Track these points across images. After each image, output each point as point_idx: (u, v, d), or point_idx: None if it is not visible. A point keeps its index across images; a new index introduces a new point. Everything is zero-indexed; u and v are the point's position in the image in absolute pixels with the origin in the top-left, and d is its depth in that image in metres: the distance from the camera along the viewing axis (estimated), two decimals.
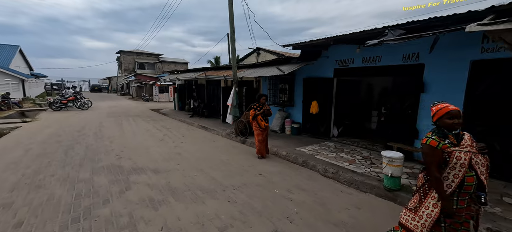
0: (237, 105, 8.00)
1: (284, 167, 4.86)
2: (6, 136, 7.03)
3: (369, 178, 4.16)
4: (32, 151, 5.51)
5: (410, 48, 4.93)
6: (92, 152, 5.50)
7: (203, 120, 10.98)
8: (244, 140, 7.22)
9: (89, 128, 8.48)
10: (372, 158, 5.28)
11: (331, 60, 6.69)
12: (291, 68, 6.54)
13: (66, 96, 14.78)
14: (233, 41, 7.89)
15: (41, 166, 4.47)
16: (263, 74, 7.19)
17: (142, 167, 4.59)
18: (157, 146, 6.29)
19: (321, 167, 4.79)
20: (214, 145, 6.67)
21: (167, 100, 24.09)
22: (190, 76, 11.74)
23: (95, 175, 4.09)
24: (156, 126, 9.43)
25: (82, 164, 4.64)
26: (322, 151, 5.82)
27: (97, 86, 42.50)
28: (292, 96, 8.15)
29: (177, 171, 4.43)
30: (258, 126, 5.30)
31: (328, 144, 6.53)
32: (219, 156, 5.50)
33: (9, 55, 23.74)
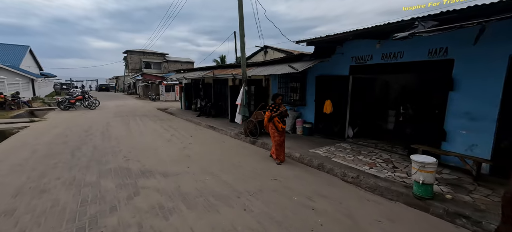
0: (246, 105, 7.72)
1: (299, 170, 4.56)
2: (14, 136, 6.96)
3: (394, 184, 3.82)
4: (38, 152, 5.37)
5: (438, 42, 4.53)
6: (99, 153, 5.33)
7: (211, 120, 10.76)
8: (254, 141, 6.95)
9: (96, 128, 8.36)
10: (393, 161, 4.92)
11: (346, 56, 6.33)
12: (304, 65, 6.21)
13: (74, 96, 14.82)
14: (242, 38, 7.61)
15: (47, 168, 4.30)
16: (274, 72, 6.89)
17: (151, 169, 4.36)
18: (165, 147, 6.08)
19: (339, 170, 4.47)
20: (223, 146, 6.42)
21: (174, 99, 24.03)
22: (198, 75, 11.53)
23: (102, 179, 3.88)
24: (163, 126, 9.25)
25: (88, 166, 4.45)
26: (338, 153, 5.48)
27: (104, 86, 42.98)
28: (304, 95, 7.82)
29: (187, 174, 4.19)
30: (275, 129, 4.87)
31: (344, 145, 6.19)
32: (230, 158, 5.24)
33: (20, 55, 24.14)
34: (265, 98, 9.32)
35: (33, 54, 28.48)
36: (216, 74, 9.85)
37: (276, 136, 4.87)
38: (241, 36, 7.62)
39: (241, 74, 7.81)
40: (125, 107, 16.04)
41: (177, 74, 14.96)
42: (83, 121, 9.99)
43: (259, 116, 7.24)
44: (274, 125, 4.88)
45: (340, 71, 6.52)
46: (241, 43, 7.68)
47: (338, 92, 6.56)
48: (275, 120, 4.87)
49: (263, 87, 9.48)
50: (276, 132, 4.87)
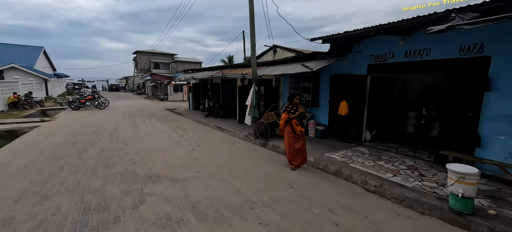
0: (256, 105, 7.43)
1: (315, 177, 4.22)
2: (24, 136, 6.95)
3: (424, 195, 3.43)
4: (46, 153, 5.27)
5: (471, 38, 4.09)
6: (106, 156, 5.17)
7: (219, 121, 10.54)
8: (264, 143, 6.65)
9: (105, 129, 8.28)
10: (419, 169, 4.49)
11: (364, 55, 5.93)
12: (319, 64, 5.86)
13: (85, 96, 14.97)
14: (253, 35, 7.32)
15: (52, 171, 4.15)
16: (286, 71, 6.56)
17: (158, 174, 4.14)
18: (173, 149, 5.87)
19: (359, 178, 4.10)
20: (233, 148, 6.15)
21: (182, 99, 24.06)
22: (206, 75, 11.34)
23: (107, 184, 3.68)
24: (171, 127, 9.09)
25: (94, 170, 4.28)
26: (356, 158, 5.10)
27: (115, 86, 43.81)
28: (317, 95, 7.45)
29: (196, 180, 3.93)
30: (293, 132, 4.44)
31: (361, 149, 5.79)
32: (241, 162, 4.96)
33: (34, 56, 24.82)
34: (276, 99, 9.00)
35: (47, 54, 29.26)
36: (225, 74, 9.61)
37: (291, 140, 4.46)
38: (252, 34, 7.34)
39: (251, 74, 7.53)
40: (134, 107, 16.09)
41: (185, 74, 14.86)
42: (92, 121, 9.98)
43: (270, 118, 6.94)
44: (291, 129, 4.45)
45: (357, 70, 6.12)
46: (252, 41, 7.39)
47: (355, 92, 6.16)
48: (293, 122, 4.43)
49: (273, 87, 9.16)
50: (293, 136, 4.47)
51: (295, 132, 4.45)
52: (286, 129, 4.53)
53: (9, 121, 9.25)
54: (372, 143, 6.24)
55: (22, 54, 24.16)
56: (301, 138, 4.51)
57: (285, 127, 4.54)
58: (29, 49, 25.73)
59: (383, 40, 5.37)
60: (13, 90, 13.56)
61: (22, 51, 24.74)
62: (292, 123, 4.45)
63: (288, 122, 4.46)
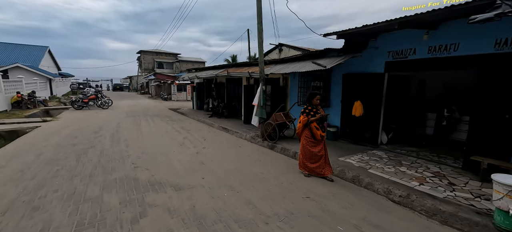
0: (264, 106, 7.05)
1: (332, 185, 3.83)
2: (23, 137, 6.71)
3: (460, 209, 3.01)
4: (43, 155, 4.99)
5: (509, 30, 3.65)
6: (106, 159, 4.86)
7: (223, 121, 10.20)
8: (272, 146, 6.28)
9: (107, 129, 8.01)
10: (446, 176, 4.07)
11: (381, 51, 5.51)
12: (332, 62, 5.46)
13: (88, 95, 14.79)
14: (260, 32, 6.94)
15: (47, 177, 3.85)
16: (297, 69, 6.17)
17: (161, 181, 3.80)
18: (177, 151, 5.54)
19: (382, 186, 3.70)
20: (240, 151, 5.79)
21: (185, 99, 23.83)
22: (210, 74, 11.01)
23: (105, 192, 3.36)
24: (175, 127, 8.78)
25: (92, 175, 3.96)
26: (374, 163, 4.69)
27: (118, 85, 43.88)
28: (328, 95, 7.04)
29: (203, 188, 3.58)
30: (312, 137, 3.97)
31: (378, 153, 5.37)
32: (249, 167, 4.59)
33: (39, 56, 24.85)
34: (283, 99, 8.62)
35: (52, 54, 29.33)
36: (230, 73, 9.26)
37: (310, 146, 4.00)
38: (259, 31, 6.96)
39: (258, 73, 7.16)
40: (137, 107, 15.87)
41: (189, 74, 14.56)
42: (94, 121, 9.73)
43: (279, 118, 6.56)
44: (310, 133, 3.98)
45: (373, 68, 5.70)
46: (259, 38, 7.01)
47: (371, 92, 5.74)
48: (312, 126, 3.93)
49: (280, 87, 8.79)
50: (312, 141, 4.00)
51: (315, 137, 3.96)
52: (304, 133, 4.07)
53: (11, 121, 9.06)
54: (389, 147, 5.81)
55: (27, 53, 24.21)
56: (320, 144, 4.04)
57: (303, 131, 4.08)
58: (34, 49, 25.79)
59: (404, 34, 4.96)
60: (17, 90, 13.46)
61: (27, 51, 24.80)
62: (311, 127, 3.96)
63: (307, 125, 3.98)
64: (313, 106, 4.04)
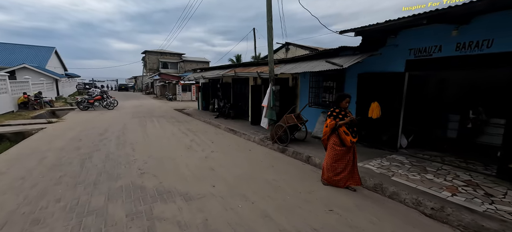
0: (273, 107, 6.75)
1: (356, 195, 3.51)
2: (27, 140, 6.56)
3: (508, 227, 2.66)
4: (46, 160, 4.79)
5: None
6: (111, 164, 4.63)
7: (230, 122, 9.94)
8: (283, 149, 5.99)
9: (112, 131, 7.83)
10: (480, 185, 3.71)
11: (402, 49, 5.15)
12: (349, 61, 5.12)
13: (93, 96, 14.73)
14: (270, 30, 6.64)
15: (49, 184, 3.63)
16: (309, 69, 5.85)
17: (169, 189, 3.55)
18: (185, 155, 5.29)
19: (409, 197, 3.37)
20: (250, 156, 5.51)
21: (190, 99, 23.70)
22: (217, 74, 10.76)
23: (110, 202, 3.11)
24: (181, 129, 8.55)
25: (97, 183, 3.73)
26: (396, 170, 4.35)
27: (124, 85, 44.15)
28: None
29: (214, 197, 3.31)
30: (340, 144, 3.54)
31: (398, 158, 5.02)
32: (262, 173, 4.30)
33: (46, 56, 25.04)
34: (293, 99, 8.31)
35: (59, 55, 29.57)
36: (238, 73, 8.99)
37: (337, 153, 3.55)
38: (269, 28, 6.66)
39: (268, 72, 6.86)
40: (142, 108, 15.75)
41: (195, 74, 14.35)
42: (100, 123, 9.58)
43: (290, 120, 6.26)
44: (338, 139, 3.55)
45: (392, 67, 5.35)
46: (269, 37, 6.71)
47: (389, 92, 5.39)
48: (341, 131, 3.51)
49: (290, 87, 8.47)
50: (340, 147, 3.55)
51: (344, 144, 3.52)
52: (331, 139, 3.65)
53: (16, 122, 8.98)
54: (409, 151, 5.45)
55: (34, 54, 24.42)
56: (350, 151, 3.62)
57: (330, 136, 3.66)
58: (41, 50, 26.01)
59: (428, 31, 4.60)
60: (23, 90, 13.46)
61: (34, 52, 25.02)
62: (339, 132, 3.53)
63: (335, 130, 3.56)
64: (342, 109, 3.64)
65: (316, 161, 5.00)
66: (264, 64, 8.97)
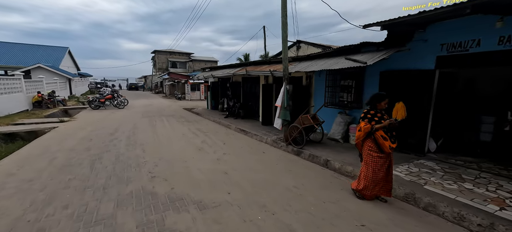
0: (287, 107, 6.41)
1: (388, 207, 3.15)
2: (37, 140, 6.52)
3: None
4: (56, 161, 4.67)
5: None
6: (121, 166, 4.45)
7: (240, 122, 9.68)
8: (298, 151, 5.66)
9: (122, 131, 7.72)
10: None
11: (432, 44, 4.71)
12: (374, 57, 4.72)
13: (104, 95, 14.84)
14: (285, 26, 6.31)
15: (58, 188, 3.47)
16: (328, 67, 5.47)
17: (182, 195, 3.30)
18: (197, 158, 5.05)
19: (449, 210, 2.98)
20: (264, 158, 5.21)
21: (199, 98, 23.66)
22: (227, 73, 10.52)
23: (119, 210, 2.90)
24: (191, 129, 8.36)
25: (106, 187, 3.54)
26: (427, 177, 3.94)
27: (134, 85, 44.84)
28: (360, 95, 6.29)
29: (230, 206, 3.03)
30: (378, 150, 3.08)
31: (427, 163, 4.59)
32: (280, 178, 3.99)
33: (59, 56, 25.66)
34: (307, 99, 7.94)
35: (72, 55, 30.29)
36: (249, 71, 8.70)
37: (375, 160, 3.10)
38: (283, 24, 6.32)
39: (282, 70, 6.53)
40: (152, 107, 15.75)
41: (204, 73, 14.18)
42: (110, 122, 9.54)
43: (306, 121, 5.91)
44: (375, 144, 3.09)
45: (420, 64, 4.91)
46: (283, 33, 6.37)
47: (416, 92, 4.95)
48: (378, 135, 3.05)
49: (303, 86, 8.11)
50: (378, 154, 3.10)
51: (382, 150, 3.06)
52: (366, 145, 3.20)
53: (30, 121, 9.06)
54: (439, 156, 4.99)
55: (48, 54, 25.06)
56: (389, 157, 3.16)
57: (364, 141, 3.21)
58: (55, 50, 26.68)
59: (463, 23, 4.14)
60: (38, 89, 13.73)
61: (49, 52, 25.68)
62: (376, 136, 3.06)
63: (371, 134, 3.10)
64: (378, 110, 3.18)
65: (336, 165, 4.65)
66: (277, 62, 8.64)
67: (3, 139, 6.93)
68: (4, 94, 10.39)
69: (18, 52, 23.70)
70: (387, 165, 3.16)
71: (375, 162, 3.09)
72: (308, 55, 7.22)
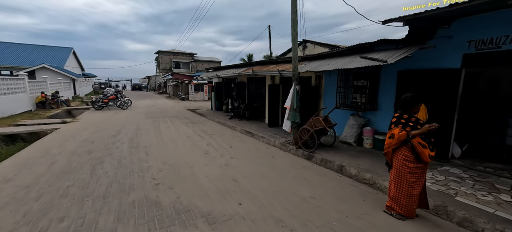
0: (297, 108, 6.09)
1: (419, 222, 2.81)
2: (39, 142, 6.31)
3: None
4: (56, 165, 4.43)
5: None
6: (123, 171, 4.18)
7: (245, 123, 9.38)
8: (309, 156, 5.34)
9: (125, 133, 7.48)
10: None
11: (457, 41, 4.34)
12: (394, 55, 4.36)
13: (108, 95, 14.69)
14: (295, 23, 5.99)
15: (55, 196, 3.21)
16: (342, 66, 5.14)
17: (189, 206, 3.01)
18: (203, 163, 4.76)
19: (490, 227, 2.63)
20: (275, 163, 4.90)
21: (202, 99, 23.45)
22: (232, 73, 10.23)
23: (120, 224, 2.61)
24: (196, 131, 8.09)
25: (107, 196, 3.26)
26: (458, 187, 3.58)
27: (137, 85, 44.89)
28: (375, 96, 5.94)
29: (242, 220, 2.73)
30: (414, 160, 2.65)
31: (453, 171, 4.23)
32: (294, 187, 3.67)
33: (64, 57, 25.71)
34: (316, 100, 7.61)
35: (76, 55, 30.37)
36: (256, 71, 8.39)
37: (416, 173, 2.66)
38: (293, 21, 6.01)
39: (291, 70, 6.21)
40: (155, 108, 15.56)
41: (208, 73, 13.93)
42: (113, 123, 9.32)
43: (318, 124, 5.59)
44: (412, 153, 2.65)
45: (444, 62, 4.55)
46: (293, 31, 6.06)
47: (439, 93, 4.59)
48: (416, 142, 2.61)
49: (312, 87, 7.77)
50: (417, 165, 2.66)
51: (420, 159, 2.63)
52: (400, 154, 2.73)
53: (32, 122, 8.88)
54: (464, 162, 4.62)
55: (53, 55, 25.12)
56: (426, 168, 2.75)
57: (397, 150, 2.76)
58: (60, 50, 26.74)
59: (495, 17, 3.78)
60: (41, 89, 13.63)
61: (53, 52, 25.74)
62: (414, 144, 2.62)
63: (408, 141, 2.65)
64: (411, 114, 2.77)
65: (352, 171, 4.31)
66: (285, 62, 8.32)
67: (4, 140, 6.74)
68: (8, 94, 10.27)
69: (23, 52, 23.80)
70: (425, 177, 2.78)
71: (411, 173, 2.70)
72: (319, 54, 6.89)
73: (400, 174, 2.77)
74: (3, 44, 23.88)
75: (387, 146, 2.82)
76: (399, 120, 2.77)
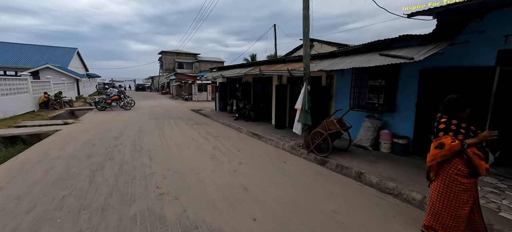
0: (308, 110, 5.71)
1: None
2: (38, 144, 6.04)
3: None
4: (53, 171, 4.12)
5: None
6: (124, 179, 3.86)
7: (251, 125, 9.04)
8: (323, 161, 4.96)
9: (128, 135, 7.19)
10: None
11: (491, 35, 3.93)
12: (421, 51, 3.97)
13: (111, 96, 14.48)
14: (306, 19, 5.62)
15: (48, 209, 2.89)
16: (360, 64, 4.74)
17: (196, 221, 2.66)
18: (210, 169, 4.41)
19: None
20: (287, 170, 4.53)
21: (206, 99, 23.18)
22: (238, 73, 9.89)
23: None
24: (201, 133, 7.76)
25: (105, 208, 2.93)
26: (497, 199, 3.20)
27: (141, 85, 44.95)
28: (393, 96, 5.53)
29: None
30: (468, 174, 2.21)
31: (487, 180, 3.81)
32: (313, 199, 3.30)
33: (68, 57, 25.70)
34: (327, 101, 7.22)
35: (80, 56, 30.39)
36: (263, 71, 8.04)
37: (466, 188, 2.23)
38: (305, 16, 5.63)
39: (302, 69, 5.84)
40: (159, 108, 15.30)
41: (213, 73, 13.61)
42: (116, 124, 9.05)
43: (332, 127, 5.20)
44: (466, 166, 2.20)
45: (475, 59, 4.13)
46: (305, 27, 5.68)
47: (470, 93, 4.16)
48: (471, 153, 2.17)
49: (322, 87, 7.38)
50: (469, 180, 2.22)
51: (476, 173, 2.19)
52: (451, 167, 2.25)
53: (33, 123, 8.66)
54: (498, 169, 4.19)
55: (57, 55, 25.11)
56: (476, 186, 2.31)
57: (445, 162, 2.27)
58: (64, 51, 26.75)
59: None
60: (45, 90, 13.48)
61: (58, 53, 25.75)
62: (470, 156, 2.17)
63: (462, 153, 2.19)
64: (462, 119, 2.31)
65: (372, 179, 3.92)
66: (294, 61, 7.95)
67: (3, 142, 6.50)
68: (10, 95, 10.09)
69: (27, 53, 23.83)
70: (474, 195, 2.32)
71: (465, 190, 2.24)
72: (331, 52, 6.51)
73: (449, 191, 2.30)
74: (8, 45, 23.96)
75: (432, 158, 2.33)
76: (449, 127, 2.28)
